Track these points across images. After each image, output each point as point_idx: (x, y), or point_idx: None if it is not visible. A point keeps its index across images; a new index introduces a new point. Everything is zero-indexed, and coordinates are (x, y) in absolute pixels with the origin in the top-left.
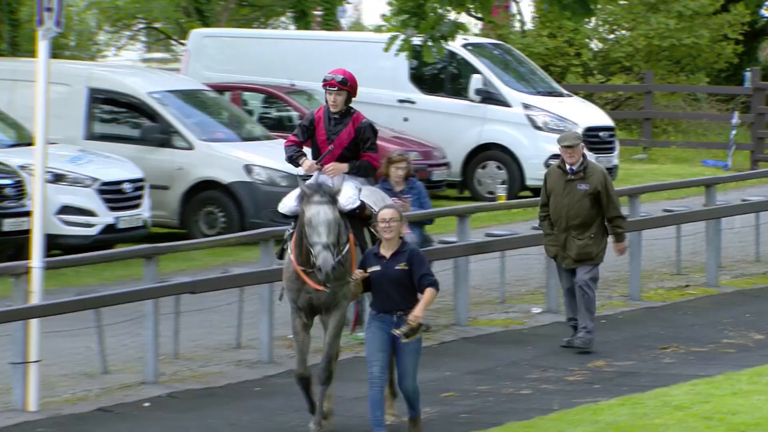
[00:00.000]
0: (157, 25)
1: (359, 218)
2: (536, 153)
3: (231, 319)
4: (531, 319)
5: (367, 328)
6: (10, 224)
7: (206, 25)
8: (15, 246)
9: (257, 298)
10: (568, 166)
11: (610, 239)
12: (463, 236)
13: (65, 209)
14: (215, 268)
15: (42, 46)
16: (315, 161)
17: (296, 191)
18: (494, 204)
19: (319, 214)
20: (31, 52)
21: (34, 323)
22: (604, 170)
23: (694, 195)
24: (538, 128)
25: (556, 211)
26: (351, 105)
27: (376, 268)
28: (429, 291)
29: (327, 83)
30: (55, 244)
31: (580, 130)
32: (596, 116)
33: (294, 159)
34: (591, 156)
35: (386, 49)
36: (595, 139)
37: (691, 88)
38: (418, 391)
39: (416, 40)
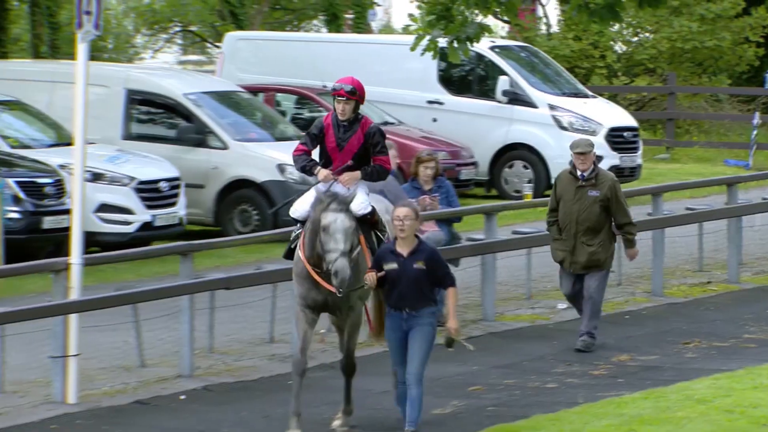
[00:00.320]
0: (192, 28)
1: (369, 223)
2: (561, 153)
3: (264, 315)
4: (556, 315)
5: (386, 329)
6: (50, 222)
7: (240, 28)
8: (55, 243)
9: (289, 293)
10: (579, 173)
11: (620, 245)
12: (491, 234)
13: (103, 207)
14: (249, 264)
15: (81, 49)
16: (331, 172)
17: (307, 196)
18: (521, 202)
19: (336, 221)
20: (71, 55)
21: (73, 318)
22: (614, 177)
23: (715, 194)
24: (564, 128)
25: (566, 216)
26: (359, 111)
27: (394, 265)
28: (452, 292)
29: (336, 93)
30: (93, 241)
31: (604, 131)
32: (620, 117)
33: (307, 169)
34: (614, 157)
35: (412, 49)
36: (619, 139)
37: (713, 90)
38: (421, 387)
39: (442, 42)
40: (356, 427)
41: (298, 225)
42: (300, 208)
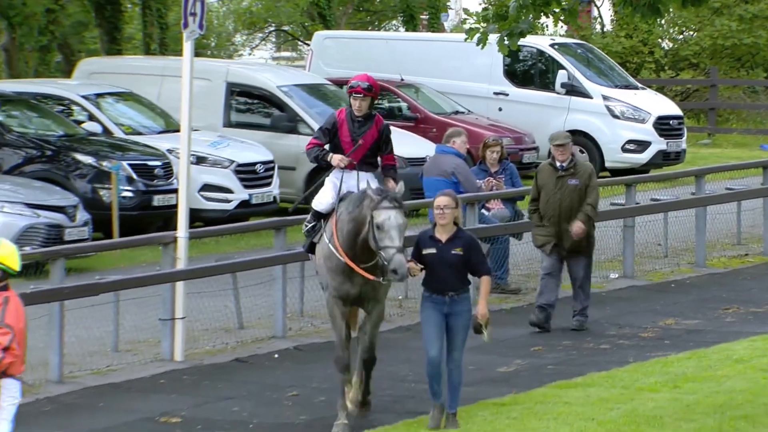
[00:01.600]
0: (285, 28)
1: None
2: (614, 139)
3: None
4: (609, 284)
5: (422, 309)
6: (159, 200)
7: (327, 27)
8: (164, 219)
9: None
10: (558, 163)
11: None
12: None
13: (206, 187)
14: None
15: (187, 47)
16: (344, 156)
17: (327, 189)
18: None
19: (390, 218)
20: (178, 52)
21: (180, 285)
22: (591, 167)
23: (752, 175)
24: (616, 117)
25: (548, 204)
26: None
27: (432, 250)
28: (486, 280)
29: (353, 90)
30: (197, 217)
31: (652, 119)
32: (667, 106)
33: (321, 158)
34: (662, 142)
35: (467, 40)
36: (666, 126)
37: (750, 82)
38: (462, 370)
39: (493, 36)
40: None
41: (310, 217)
42: (324, 200)
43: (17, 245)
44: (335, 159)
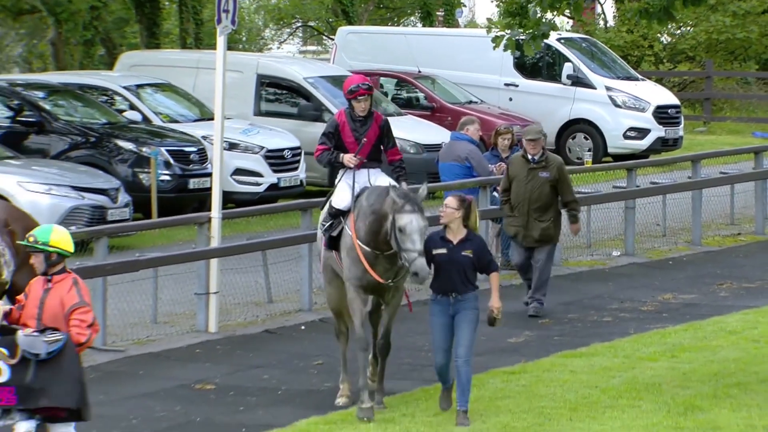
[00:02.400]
0: (311, 23)
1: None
2: (616, 126)
3: None
4: (611, 261)
5: (430, 314)
6: (194, 183)
7: (350, 23)
8: (199, 200)
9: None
10: (530, 156)
11: (565, 221)
12: None
13: (238, 171)
14: None
15: (220, 41)
16: (353, 154)
17: (343, 189)
18: (582, 167)
19: (413, 222)
20: (212, 45)
21: (214, 262)
22: (561, 161)
23: (745, 160)
24: (618, 106)
25: (519, 195)
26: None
27: (443, 251)
28: (495, 276)
29: (357, 93)
30: (230, 199)
31: (652, 108)
32: (665, 96)
33: (333, 160)
34: (660, 130)
35: (495, 48)
36: (664, 115)
37: (743, 74)
38: (470, 368)
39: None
40: (382, 405)
41: (327, 216)
42: (343, 199)
43: (64, 225)
44: (346, 159)
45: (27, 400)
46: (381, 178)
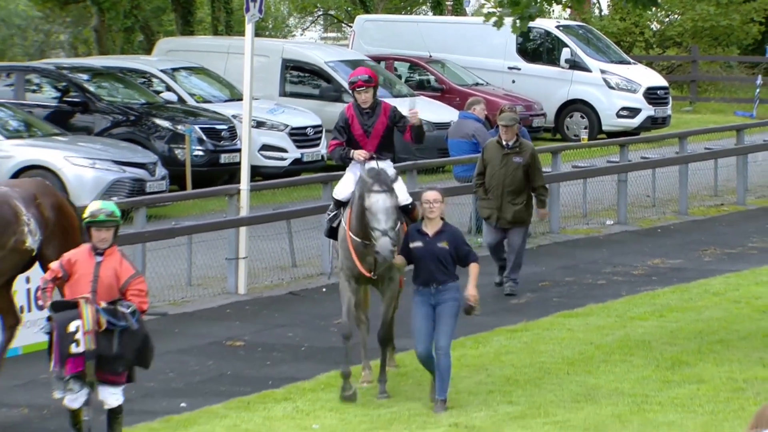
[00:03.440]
0: (331, 12)
1: (410, 215)
2: (610, 106)
3: None
4: (605, 229)
5: (413, 305)
6: (225, 158)
7: (367, 11)
8: (229, 174)
9: None
10: (505, 142)
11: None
12: (556, 167)
13: (265, 147)
14: None
15: (248, 28)
16: (362, 151)
17: (348, 179)
18: (579, 144)
19: (378, 202)
20: (241, 32)
21: (243, 230)
22: (533, 147)
23: (727, 137)
24: (612, 88)
25: (493, 179)
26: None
27: (419, 244)
28: (475, 266)
29: (355, 85)
30: (257, 172)
31: (642, 89)
32: (655, 79)
33: (344, 156)
34: (650, 109)
35: (485, 22)
36: (654, 95)
37: (726, 58)
38: (449, 359)
39: (508, 19)
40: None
41: (332, 206)
42: (344, 189)
43: (106, 196)
44: (356, 154)
45: (108, 368)
46: (389, 172)
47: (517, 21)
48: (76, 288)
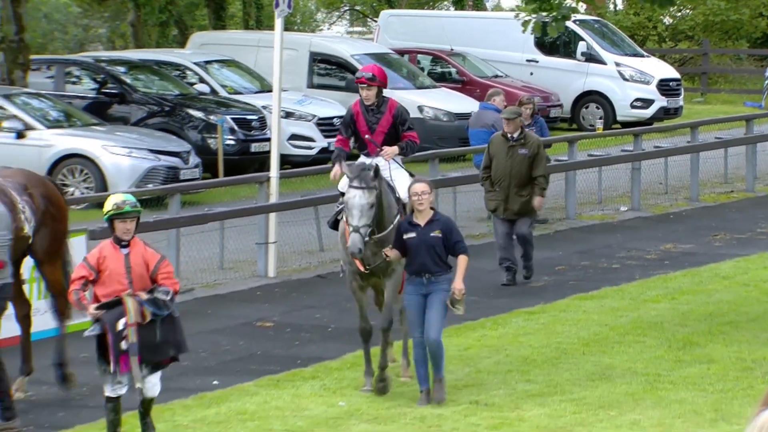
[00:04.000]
0: (357, 7)
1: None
2: (624, 97)
3: None
4: (619, 215)
5: (404, 293)
6: (255, 147)
7: (392, 7)
8: (259, 162)
9: None
10: (509, 135)
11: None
12: (572, 156)
13: (293, 136)
14: None
15: (278, 23)
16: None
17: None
18: (594, 133)
19: (355, 198)
20: (271, 27)
21: (272, 216)
22: (539, 139)
23: (737, 127)
24: (626, 79)
25: (499, 171)
26: (383, 95)
27: (412, 234)
28: (463, 258)
29: (359, 80)
30: (286, 161)
31: (656, 81)
32: (667, 71)
33: (334, 162)
34: (663, 100)
35: (524, 31)
36: (666, 87)
37: (736, 51)
38: (441, 347)
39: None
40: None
41: (340, 198)
42: (346, 182)
43: (142, 184)
44: (331, 173)
45: (153, 356)
46: (393, 168)
47: (553, 23)
48: (109, 284)
